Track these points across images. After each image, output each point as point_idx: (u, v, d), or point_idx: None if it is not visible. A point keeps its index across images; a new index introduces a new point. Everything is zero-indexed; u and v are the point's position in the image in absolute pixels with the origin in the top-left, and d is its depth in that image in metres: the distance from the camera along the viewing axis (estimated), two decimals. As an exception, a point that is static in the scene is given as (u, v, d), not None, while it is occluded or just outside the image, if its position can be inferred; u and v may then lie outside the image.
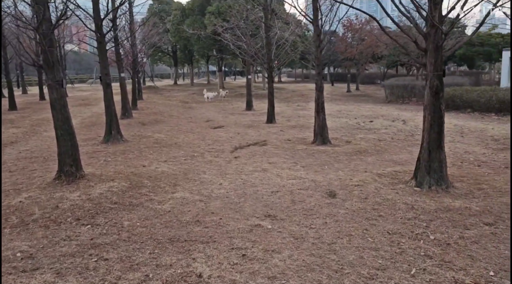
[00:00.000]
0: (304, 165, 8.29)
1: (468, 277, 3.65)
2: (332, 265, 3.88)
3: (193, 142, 11.07)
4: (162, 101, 25.32)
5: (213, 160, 8.86)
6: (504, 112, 16.62)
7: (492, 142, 11.29)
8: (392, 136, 12.27)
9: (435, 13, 5.90)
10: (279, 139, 11.57)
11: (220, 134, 12.57)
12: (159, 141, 11.11)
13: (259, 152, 9.69)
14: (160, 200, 5.95)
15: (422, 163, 6.38)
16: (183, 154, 9.47)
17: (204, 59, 44.87)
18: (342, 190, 6.36)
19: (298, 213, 5.37)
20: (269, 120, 15.57)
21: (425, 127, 6.34)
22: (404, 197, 5.89)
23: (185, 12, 32.06)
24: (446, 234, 4.59)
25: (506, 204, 5.53)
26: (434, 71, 6.10)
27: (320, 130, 10.75)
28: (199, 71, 76.19)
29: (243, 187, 6.61)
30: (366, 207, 5.52)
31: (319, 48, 10.47)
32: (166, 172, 7.60)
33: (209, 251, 4.24)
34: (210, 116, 18.11)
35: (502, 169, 7.88)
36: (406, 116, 17.30)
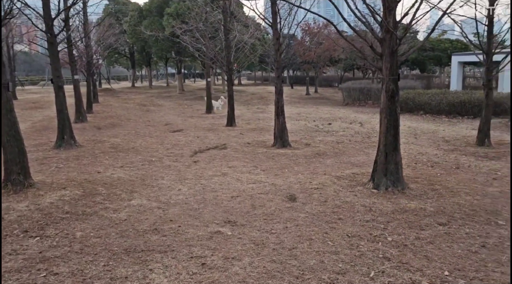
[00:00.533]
0: (264, 169, 8.27)
1: (425, 277, 3.73)
2: (293, 270, 3.85)
3: (151, 146, 10.77)
4: (119, 104, 24.57)
5: (171, 164, 8.65)
6: (453, 114, 17.44)
7: (443, 143, 11.79)
8: (350, 138, 12.53)
9: (390, 19, 6.06)
10: (239, 142, 11.50)
11: (179, 138, 12.33)
12: (115, 146, 10.73)
13: (219, 156, 9.57)
14: (115, 208, 5.70)
15: (379, 165, 6.52)
16: (141, 159, 9.19)
17: (162, 61, 44.09)
18: (302, 193, 6.37)
19: (258, 218, 5.32)
20: (229, 123, 15.47)
21: (381, 130, 6.49)
22: (362, 199, 5.98)
23: (142, 13, 31.35)
24: (403, 235, 4.69)
25: (457, 204, 5.74)
26: (390, 75, 6.25)
27: (280, 133, 10.79)
28: (157, 73, 74.79)
29: (203, 192, 6.48)
30: (326, 210, 5.55)
31: (279, 51, 10.51)
32: (123, 178, 7.32)
33: (167, 260, 4.09)
34: (169, 119, 17.76)
35: (453, 169, 8.22)
36: (363, 119, 17.77)
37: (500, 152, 10.11)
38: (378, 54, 6.38)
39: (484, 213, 5.41)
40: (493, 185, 6.97)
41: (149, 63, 43.67)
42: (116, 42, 29.67)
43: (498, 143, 11.43)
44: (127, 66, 59.11)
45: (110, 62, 47.60)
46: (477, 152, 10.13)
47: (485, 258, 4.13)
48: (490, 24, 10.81)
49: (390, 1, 6.03)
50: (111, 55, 41.45)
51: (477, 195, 6.21)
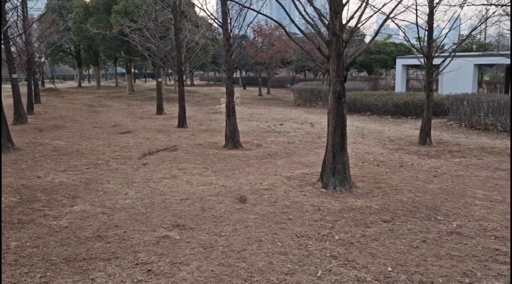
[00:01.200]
0: (215, 170, 8.18)
1: (369, 274, 3.82)
2: (242, 273, 3.81)
3: (98, 149, 10.34)
4: (64, 105, 23.43)
5: (119, 167, 8.34)
6: (398, 114, 18.24)
7: (388, 142, 12.28)
8: (301, 139, 12.73)
9: (336, 22, 6.19)
10: (190, 144, 11.33)
11: (128, 140, 11.93)
12: (58, 149, 10.19)
13: (169, 158, 9.36)
14: (56, 215, 5.39)
15: (327, 165, 6.65)
16: (86, 162, 8.78)
17: (111, 61, 42.59)
18: (252, 194, 6.36)
19: (207, 220, 5.23)
20: (180, 124, 15.21)
21: (329, 131, 6.62)
22: (311, 199, 6.07)
23: (88, 10, 30.10)
24: (350, 233, 4.80)
25: (401, 201, 5.98)
26: (337, 77, 6.40)
27: (231, 134, 10.74)
28: (106, 73, 72.16)
29: (151, 196, 6.29)
30: (276, 211, 5.57)
31: (229, 52, 10.46)
32: (65, 183, 6.95)
33: (110, 269, 3.91)
34: (117, 121, 17.17)
35: (397, 168, 8.57)
36: (314, 119, 18.12)
37: (440, 150, 10.69)
38: (325, 56, 6.51)
39: (425, 209, 5.67)
40: (433, 182, 7.33)
41: (97, 62, 42.00)
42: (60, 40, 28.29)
43: (438, 141, 12.07)
44: (73, 65, 56.51)
45: (54, 61, 45.28)
46: (420, 151, 10.64)
47: (425, 252, 4.31)
48: (430, 29, 11.41)
49: (337, 4, 6.17)
50: (55, 53, 39.40)
51: (418, 192, 6.50)
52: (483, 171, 8.31)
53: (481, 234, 4.80)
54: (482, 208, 5.77)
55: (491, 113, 14.69)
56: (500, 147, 11.03)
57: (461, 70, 22.00)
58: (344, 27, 6.36)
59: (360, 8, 6.27)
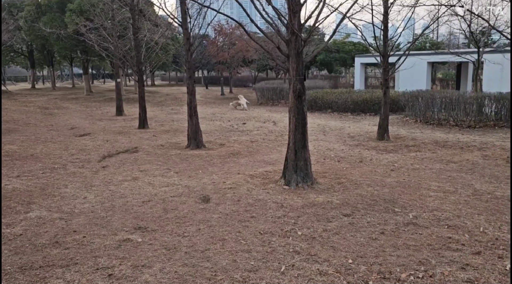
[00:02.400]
0: (177, 171, 8.09)
1: (331, 267, 3.92)
2: (206, 273, 3.80)
3: (54, 153, 9.95)
4: (17, 107, 22.35)
5: (77, 171, 8.07)
6: (357, 112, 18.74)
7: (348, 139, 12.59)
8: (264, 137, 12.82)
9: (295, 21, 6.28)
10: (152, 145, 11.13)
11: (86, 142, 11.56)
12: (11, 153, 9.72)
13: (129, 160, 9.16)
14: (9, 222, 5.15)
15: (289, 162, 6.74)
16: (41, 166, 8.43)
17: (67, 61, 41.09)
18: (215, 194, 6.35)
19: (170, 222, 5.18)
20: (141, 125, 14.92)
21: (290, 129, 6.72)
22: (275, 196, 6.14)
23: (41, 8, 28.82)
24: (312, 229, 4.90)
25: (360, 195, 6.16)
26: (297, 75, 6.50)
27: (193, 134, 10.65)
28: (62, 74, 69.49)
29: (111, 199, 6.14)
30: (239, 209, 5.59)
31: (190, 51, 10.37)
32: (18, 189, 6.65)
33: (69, 275, 3.78)
34: (75, 123, 16.59)
35: (357, 163, 8.81)
36: (276, 118, 18.28)
37: (397, 145, 11.09)
38: (285, 55, 6.59)
39: (383, 202, 5.88)
40: (391, 175, 7.60)
41: (51, 62, 40.35)
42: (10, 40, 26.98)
43: (395, 137, 12.51)
44: (25, 66, 54.05)
45: (4, 62, 43.10)
46: (378, 146, 10.99)
47: (384, 244, 4.47)
48: (385, 28, 11.81)
49: (295, 4, 6.26)
50: (5, 54, 37.53)
51: (377, 186, 6.72)
52: (437, 163, 8.70)
53: (435, 224, 5.03)
54: (436, 199, 6.05)
55: (444, 108, 15.40)
56: (452, 141, 11.58)
57: (415, 68, 22.91)
58: (302, 26, 6.46)
59: (318, 8, 6.41)
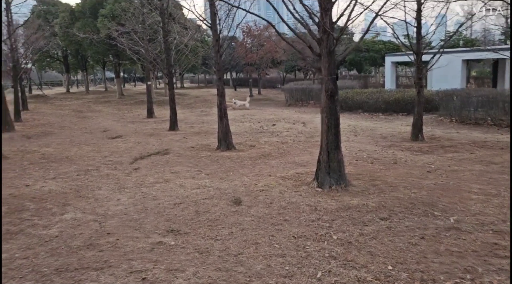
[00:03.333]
0: (208, 173, 8.07)
1: (370, 274, 3.75)
2: (240, 278, 3.72)
3: (88, 155, 10.16)
4: (52, 111, 23.14)
5: (110, 173, 8.18)
6: (389, 111, 18.27)
7: (381, 139, 12.27)
8: (294, 138, 12.66)
9: (326, 19, 6.13)
10: (182, 147, 11.19)
11: (118, 145, 11.76)
12: (47, 156, 9.99)
13: (161, 162, 9.22)
14: (45, 224, 5.24)
15: (322, 164, 6.58)
16: (76, 168, 8.61)
17: (100, 65, 42.22)
18: (247, 196, 6.26)
19: (203, 224, 5.13)
20: (171, 127, 15.06)
21: (323, 130, 6.55)
22: (308, 199, 5.99)
23: (74, 14, 29.77)
24: (348, 233, 4.73)
25: (397, 198, 5.92)
26: (329, 75, 6.33)
27: (223, 136, 10.63)
28: (95, 78, 71.57)
29: (144, 201, 6.16)
30: (272, 212, 5.48)
31: (219, 53, 10.36)
32: (54, 191, 6.79)
33: (103, 278, 3.78)
34: (107, 125, 16.96)
35: (391, 165, 8.54)
36: (306, 119, 18.08)
37: (433, 146, 10.69)
38: (316, 55, 6.44)
39: (422, 205, 5.62)
40: (428, 177, 7.30)
41: (85, 67, 41.60)
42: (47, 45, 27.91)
43: (430, 137, 12.09)
44: (61, 71, 55.93)
45: (41, 67, 44.76)
46: (412, 147, 10.63)
47: (425, 249, 4.25)
48: (419, 26, 11.43)
49: (326, 2, 6.11)
50: (42, 59, 38.92)
51: (414, 188, 6.45)
52: (476, 165, 8.31)
53: (479, 229, 4.76)
54: (478, 202, 5.74)
55: (481, 107, 14.77)
56: (491, 141, 11.07)
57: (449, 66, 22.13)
58: (334, 24, 6.30)
59: (350, 6, 6.22)
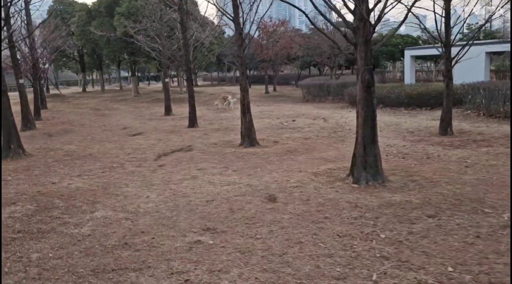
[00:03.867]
0: (235, 169, 7.83)
1: (429, 276, 3.46)
2: (289, 280, 3.46)
3: (111, 152, 10.02)
4: (71, 109, 23.20)
5: (135, 170, 8.00)
6: (412, 106, 17.79)
7: (408, 134, 11.87)
8: (317, 134, 12.36)
9: (363, 7, 5.82)
10: (205, 143, 10.98)
11: (140, 142, 11.61)
12: (70, 153, 9.88)
13: (185, 158, 9.02)
14: (76, 222, 5.06)
15: (357, 158, 6.28)
16: (100, 165, 8.46)
17: (115, 64, 42.40)
18: (281, 192, 6.00)
19: (239, 222, 4.88)
20: (191, 124, 14.88)
21: (359, 123, 6.25)
22: (345, 195, 5.70)
23: (91, 13, 29.86)
24: (395, 231, 4.44)
25: (441, 194, 5.60)
26: (365, 65, 6.02)
27: (247, 131, 10.39)
28: (109, 77, 72.06)
29: (174, 198, 5.95)
30: (310, 209, 5.21)
31: (242, 47, 10.11)
32: (82, 188, 6.62)
33: (144, 280, 3.57)
34: (126, 123, 16.87)
35: (425, 159, 8.18)
36: (325, 114, 17.71)
37: (464, 140, 10.27)
38: (352, 44, 6.14)
39: (469, 201, 5.29)
40: (468, 173, 6.94)
41: (100, 66, 41.83)
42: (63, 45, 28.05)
43: (459, 131, 11.65)
44: (76, 70, 56.38)
45: (58, 67, 45.17)
46: (443, 141, 10.23)
47: (483, 249, 3.94)
48: (448, 16, 10.98)
49: (361, -12, 5.80)
50: (58, 59, 39.24)
51: (456, 184, 6.11)
52: (517, 159, 7.90)
53: (538, 227, 4.42)
54: (529, 198, 5.38)
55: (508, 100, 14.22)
56: (526, 134, 10.60)
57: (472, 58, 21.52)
58: (371, 11, 5.98)
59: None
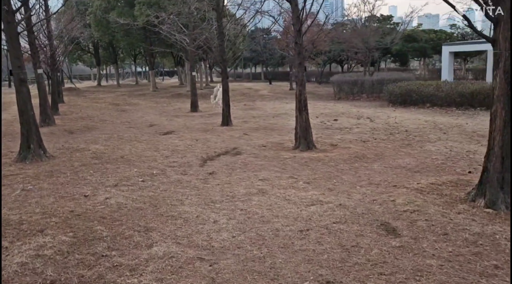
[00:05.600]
0: (307, 181, 6.30)
1: None
2: None
3: (145, 154, 8.54)
4: (88, 104, 21.85)
5: (182, 179, 6.51)
6: (465, 106, 16.10)
7: (480, 138, 10.26)
8: (372, 136, 10.79)
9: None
10: (251, 145, 9.47)
11: (174, 142, 10.13)
12: (99, 155, 8.41)
13: (237, 164, 7.50)
14: (131, 264, 3.55)
15: (492, 174, 4.72)
16: (137, 172, 6.98)
17: (131, 58, 41.13)
18: (396, 220, 4.45)
19: (368, 271, 3.35)
20: (225, 122, 13.37)
21: (496, 126, 4.69)
22: (492, 227, 4.13)
23: (109, 2, 28.47)
24: None
25: None
26: (510, 49, 4.44)
27: (303, 133, 8.86)
28: (123, 71, 70.94)
29: (252, 225, 4.43)
30: (460, 251, 3.66)
31: (300, 32, 8.57)
32: (125, 206, 5.13)
33: None
34: (151, 120, 15.42)
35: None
36: (368, 114, 16.10)
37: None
38: (491, 20, 4.56)
39: None
40: None
41: (115, 60, 40.54)
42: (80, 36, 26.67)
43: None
44: (90, 64, 55.32)
45: (72, 59, 43.97)
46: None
47: None
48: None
49: None
50: (73, 52, 38.00)
51: None
52: None
53: None
54: None
55: None
56: None
57: None
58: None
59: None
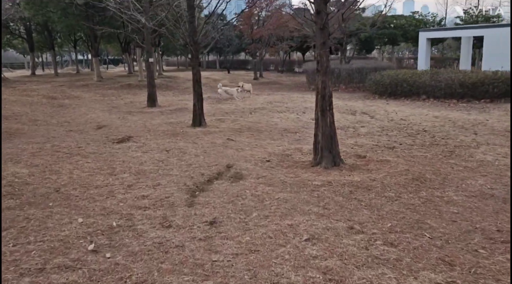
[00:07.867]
0: (382, 237, 3.72)
1: None
2: None
3: (95, 182, 5.53)
4: (17, 97, 17.80)
5: (165, 240, 3.68)
6: (467, 98, 14.29)
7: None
8: (390, 139, 8.46)
9: None
10: (250, 160, 6.72)
11: (136, 155, 7.12)
12: (18, 188, 5.25)
13: (248, 201, 4.74)
14: None
15: None
16: (84, 226, 4.04)
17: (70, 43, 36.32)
18: None
19: None
20: (197, 122, 10.46)
21: None
22: None
23: (42, -24, 23.98)
24: None
25: None
26: None
27: (327, 142, 6.24)
28: (62, 59, 64.46)
29: None
30: None
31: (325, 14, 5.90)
32: None
33: None
34: (99, 118, 12.11)
35: None
36: (358, 107, 13.88)
37: None
38: None
39: None
40: None
41: (52, 45, 35.53)
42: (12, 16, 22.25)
43: None
44: (22, 51, 49.13)
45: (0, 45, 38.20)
46: None
47: None
48: None
49: None
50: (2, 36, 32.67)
51: None
52: None
53: None
54: None
55: None
56: None
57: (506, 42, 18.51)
58: None
59: None
